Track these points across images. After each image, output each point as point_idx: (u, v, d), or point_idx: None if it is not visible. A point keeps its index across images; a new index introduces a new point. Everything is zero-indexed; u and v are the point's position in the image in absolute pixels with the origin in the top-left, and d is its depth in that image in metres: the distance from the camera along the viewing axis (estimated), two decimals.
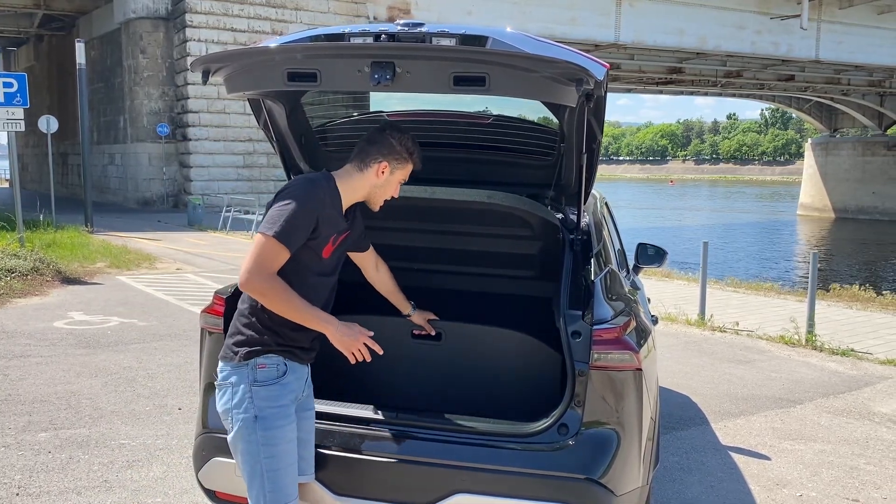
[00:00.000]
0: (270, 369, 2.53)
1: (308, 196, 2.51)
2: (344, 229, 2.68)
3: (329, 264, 2.65)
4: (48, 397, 5.60)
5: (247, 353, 2.52)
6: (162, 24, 29.04)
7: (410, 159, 2.72)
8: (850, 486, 4.46)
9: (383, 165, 2.67)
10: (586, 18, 32.92)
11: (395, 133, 2.70)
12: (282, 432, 2.51)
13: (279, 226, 2.43)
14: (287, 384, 2.55)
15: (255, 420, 2.48)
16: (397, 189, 2.77)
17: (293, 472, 2.56)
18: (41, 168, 38.50)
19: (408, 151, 2.70)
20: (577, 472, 2.65)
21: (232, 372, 2.53)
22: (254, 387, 2.50)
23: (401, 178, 2.75)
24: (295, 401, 2.61)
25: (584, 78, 2.45)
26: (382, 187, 2.71)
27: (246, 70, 2.69)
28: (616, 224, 4.69)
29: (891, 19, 38.26)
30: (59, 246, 13.81)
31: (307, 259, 2.55)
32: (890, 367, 7.34)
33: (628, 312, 3.02)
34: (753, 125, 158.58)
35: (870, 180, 50.32)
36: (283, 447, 2.51)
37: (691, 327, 8.98)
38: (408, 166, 2.74)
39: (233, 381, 2.53)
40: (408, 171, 2.76)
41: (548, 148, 3.45)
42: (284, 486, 2.51)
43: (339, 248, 2.68)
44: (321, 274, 2.63)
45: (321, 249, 2.57)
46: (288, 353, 2.56)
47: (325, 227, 2.54)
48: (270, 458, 2.49)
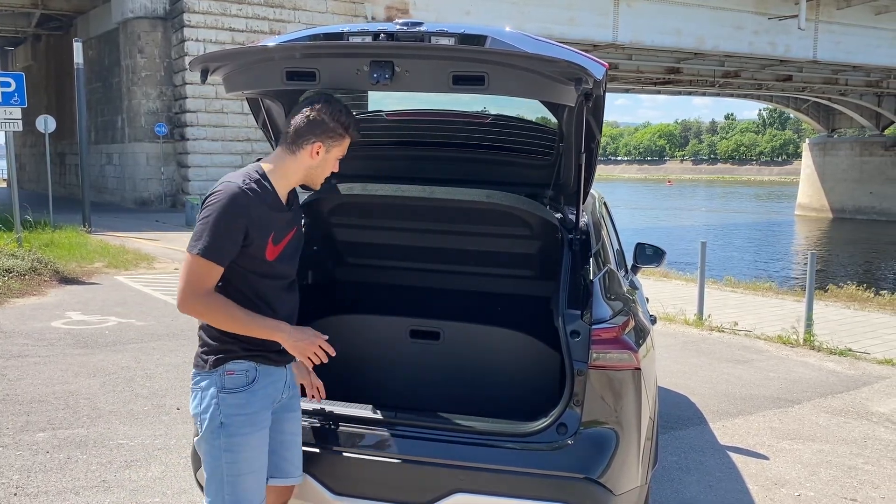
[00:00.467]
0: (239, 376, 2.46)
1: (229, 203, 2.33)
2: (287, 224, 2.52)
3: (280, 267, 2.51)
4: (46, 397, 5.59)
5: (215, 360, 2.45)
6: (160, 24, 28.98)
7: (347, 133, 2.51)
8: (848, 486, 4.46)
9: (317, 146, 2.47)
10: (584, 18, 32.92)
11: (325, 107, 2.46)
12: (246, 440, 2.45)
13: (203, 241, 2.31)
14: (256, 391, 2.48)
15: (221, 426, 2.43)
16: (337, 165, 2.57)
17: (256, 479, 2.50)
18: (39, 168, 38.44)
19: (342, 126, 2.48)
20: (575, 472, 2.65)
21: (202, 377, 2.48)
22: (221, 393, 2.44)
23: (338, 155, 2.55)
24: (270, 405, 2.54)
25: (583, 77, 2.45)
26: (319, 168, 2.52)
27: (245, 69, 2.68)
28: (615, 224, 4.69)
29: (888, 20, 38.29)
30: (56, 246, 13.79)
31: (251, 266, 2.43)
32: (888, 366, 7.36)
33: (627, 312, 3.03)
34: (751, 125, 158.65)
35: (867, 180, 50.37)
36: (245, 454, 2.46)
37: (689, 327, 8.99)
38: (344, 141, 2.53)
39: (202, 385, 2.47)
40: (346, 146, 2.55)
41: (547, 147, 3.45)
42: (244, 493, 2.47)
43: (287, 247, 2.53)
44: (273, 277, 2.50)
45: (262, 253, 2.43)
46: (259, 357, 2.48)
47: (259, 228, 2.39)
48: (231, 464, 2.45)
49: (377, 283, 3.99)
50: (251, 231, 2.37)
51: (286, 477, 2.67)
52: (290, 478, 2.67)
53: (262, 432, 2.51)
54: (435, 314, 3.52)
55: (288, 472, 2.67)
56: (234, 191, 2.35)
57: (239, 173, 2.44)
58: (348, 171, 3.69)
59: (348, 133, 2.51)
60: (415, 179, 3.45)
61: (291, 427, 2.67)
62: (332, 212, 3.60)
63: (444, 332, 3.44)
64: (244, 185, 2.38)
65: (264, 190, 2.42)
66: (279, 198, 2.47)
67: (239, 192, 2.35)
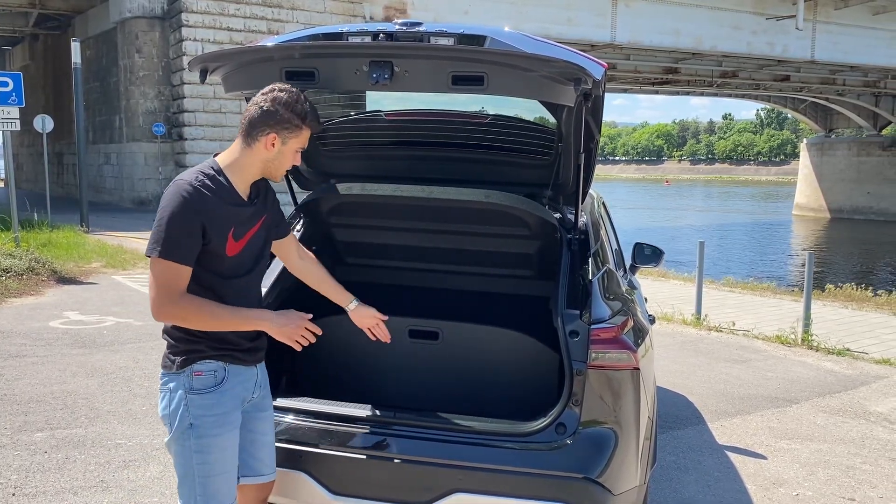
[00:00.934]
0: (207, 377, 2.43)
1: (182, 201, 2.28)
2: (250, 218, 2.45)
3: (242, 262, 2.44)
4: (44, 397, 5.58)
5: (182, 361, 2.42)
6: (158, 24, 28.95)
7: (304, 124, 2.39)
8: (845, 486, 4.47)
9: (272, 137, 2.36)
10: (583, 18, 32.92)
11: (280, 97, 2.36)
12: (216, 441, 2.43)
13: (163, 243, 2.26)
14: (225, 391, 2.45)
15: (190, 427, 2.41)
16: (297, 158, 2.48)
17: (227, 480, 2.48)
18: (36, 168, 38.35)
19: (298, 116, 2.37)
20: (574, 472, 2.66)
21: (170, 378, 2.46)
22: (189, 394, 2.42)
23: (296, 147, 2.43)
24: (240, 405, 2.52)
25: (583, 77, 2.45)
26: (276, 160, 2.42)
27: (243, 69, 2.68)
28: (613, 224, 4.69)
29: (886, 20, 38.32)
30: (54, 245, 13.77)
31: (210, 264, 2.37)
32: (885, 366, 7.37)
33: (626, 312, 3.03)
34: (749, 125, 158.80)
35: (865, 180, 50.41)
36: (216, 455, 2.44)
37: (688, 327, 8.99)
38: (302, 133, 2.41)
39: (171, 386, 2.45)
40: (305, 138, 2.44)
41: (546, 147, 3.45)
42: (216, 493, 2.45)
43: (251, 243, 2.47)
44: (235, 276, 2.43)
45: (223, 249, 2.37)
46: (227, 356, 2.45)
47: (216, 225, 2.33)
48: (202, 464, 2.43)
49: (376, 283, 3.98)
50: (207, 228, 2.31)
51: (257, 475, 2.64)
52: (261, 476, 2.65)
53: (233, 433, 2.49)
54: (434, 314, 3.52)
55: (259, 471, 2.64)
56: (185, 188, 2.30)
57: (192, 170, 2.38)
58: (347, 171, 3.70)
59: (305, 124, 2.39)
60: (414, 179, 3.45)
61: (263, 426, 2.65)
62: (331, 212, 3.59)
63: (442, 333, 3.44)
64: (196, 181, 2.32)
65: (219, 185, 2.36)
66: (237, 192, 2.41)
67: (191, 189, 2.30)
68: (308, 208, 3.53)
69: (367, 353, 3.56)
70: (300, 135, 2.41)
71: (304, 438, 2.82)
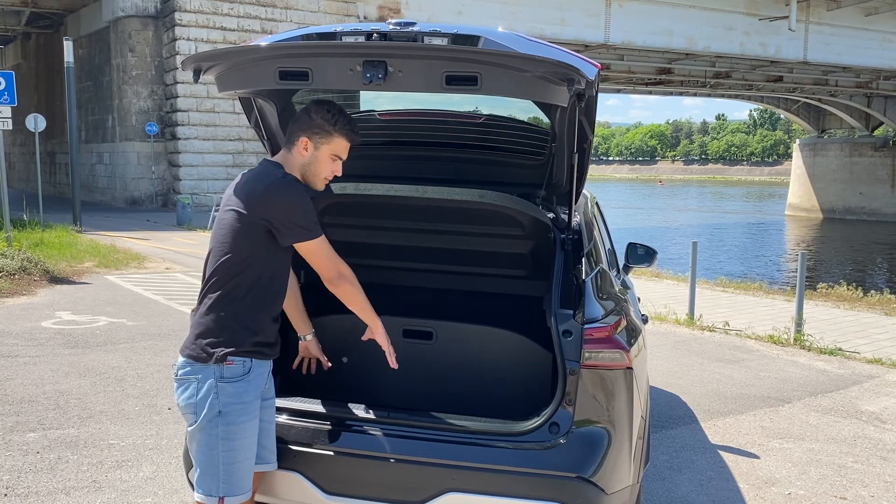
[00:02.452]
0: (237, 366, 2.53)
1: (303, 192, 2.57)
2: None
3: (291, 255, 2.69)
4: (36, 397, 5.56)
5: (223, 354, 2.52)
6: (151, 23, 28.89)
7: (334, 130, 2.60)
8: (837, 485, 4.49)
9: (304, 141, 2.59)
10: (576, 19, 32.99)
11: (313, 107, 2.61)
12: (243, 428, 2.53)
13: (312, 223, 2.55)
14: (252, 380, 2.56)
15: (219, 415, 2.51)
16: (334, 166, 2.67)
17: (249, 468, 2.58)
18: (28, 167, 38.23)
19: (329, 122, 2.58)
20: (568, 471, 2.66)
21: (199, 369, 2.53)
22: (220, 382, 2.51)
23: (329, 154, 2.63)
24: (260, 395, 2.63)
25: (576, 77, 2.45)
26: (311, 165, 2.62)
27: (237, 68, 2.68)
28: (606, 224, 4.70)
29: (878, 21, 38.52)
30: (46, 245, 13.72)
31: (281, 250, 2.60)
32: (877, 365, 7.40)
33: (619, 311, 3.04)
34: (742, 126, 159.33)
35: (857, 181, 50.66)
36: (242, 442, 2.54)
37: (681, 326, 9.02)
38: (334, 139, 2.61)
39: (199, 377, 2.53)
40: (337, 145, 2.63)
41: (539, 147, 3.46)
42: (239, 480, 2.55)
43: None
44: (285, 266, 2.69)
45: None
46: (257, 353, 2.57)
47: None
48: (228, 451, 2.52)
49: (369, 283, 3.98)
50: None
51: (263, 463, 2.71)
52: (266, 464, 2.72)
53: (256, 420, 2.59)
54: (428, 314, 3.52)
55: (265, 459, 2.72)
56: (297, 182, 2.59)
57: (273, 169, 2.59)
58: None
59: (336, 130, 2.59)
60: (408, 179, 3.45)
61: (267, 415, 2.73)
62: (324, 211, 3.59)
63: (436, 332, 3.45)
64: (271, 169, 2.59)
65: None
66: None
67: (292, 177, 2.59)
68: None
69: (362, 352, 3.56)
70: (331, 141, 2.61)
71: (298, 438, 2.82)
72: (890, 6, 37.31)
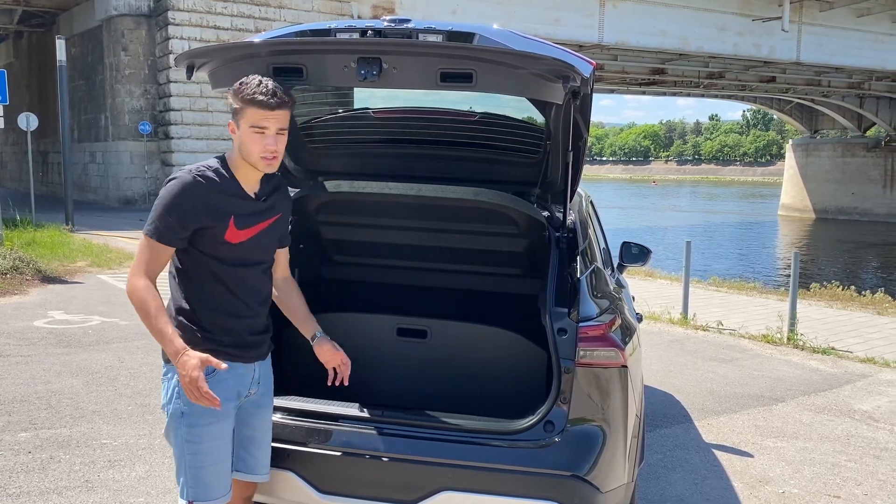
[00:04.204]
0: None
1: (176, 188, 2.40)
2: (255, 213, 2.51)
3: (246, 253, 2.51)
4: (28, 397, 5.53)
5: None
6: (144, 22, 28.77)
7: (242, 103, 2.40)
8: (831, 483, 4.50)
9: (230, 125, 2.47)
10: (570, 19, 32.99)
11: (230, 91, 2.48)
12: (207, 430, 2.46)
13: (150, 223, 2.40)
14: (218, 382, 2.44)
15: (182, 416, 2.46)
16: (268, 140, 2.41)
17: (220, 471, 2.50)
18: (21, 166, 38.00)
19: (237, 98, 2.41)
20: (562, 469, 2.66)
21: (168, 368, 2.50)
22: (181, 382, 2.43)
23: (248, 126, 2.40)
24: (234, 398, 2.54)
25: (571, 75, 2.45)
26: (242, 146, 2.44)
27: (231, 65, 2.66)
28: (601, 223, 4.70)
29: (870, 22, 38.66)
30: (38, 244, 13.65)
31: (213, 249, 2.46)
32: (869, 365, 7.43)
33: (613, 310, 3.03)
34: (735, 126, 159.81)
35: (849, 181, 50.83)
36: (207, 445, 2.46)
37: (674, 326, 9.03)
38: (247, 111, 2.39)
39: (168, 376, 2.50)
40: (251, 116, 2.39)
41: (534, 145, 3.45)
42: (206, 485, 2.48)
43: (259, 236, 2.54)
44: (238, 265, 2.51)
45: (222, 235, 2.45)
46: (219, 353, 2.44)
47: (211, 210, 2.41)
48: (193, 454, 2.46)
49: (364, 282, 3.97)
50: (203, 216, 2.41)
51: (250, 473, 2.66)
52: (254, 474, 2.67)
53: (224, 423, 2.51)
54: (422, 312, 3.52)
55: (252, 469, 2.66)
56: (183, 177, 2.43)
57: (199, 163, 2.51)
58: (336, 169, 3.68)
59: (244, 102, 2.39)
60: (402, 177, 3.45)
61: (261, 424, 2.66)
62: (319, 209, 3.58)
63: (431, 331, 3.44)
64: (195, 171, 2.45)
65: (220, 177, 2.46)
66: (238, 184, 2.49)
67: (188, 178, 2.42)
68: (296, 206, 3.51)
69: (355, 351, 3.55)
70: (245, 114, 2.41)
71: (292, 437, 2.81)
72: (882, 7, 37.46)
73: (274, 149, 2.43)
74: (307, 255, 3.76)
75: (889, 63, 40.38)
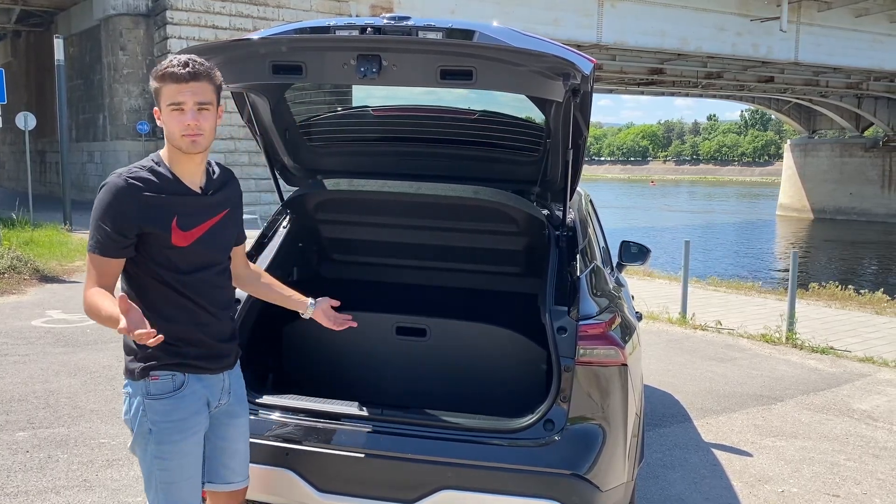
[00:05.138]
0: (164, 381, 2.34)
1: (107, 196, 2.25)
2: (200, 209, 2.35)
3: (198, 255, 2.34)
4: (26, 396, 5.52)
5: (141, 369, 2.33)
6: (142, 21, 28.74)
7: (157, 82, 2.28)
8: (830, 482, 4.50)
9: (155, 112, 2.33)
10: (568, 19, 32.99)
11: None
12: (176, 447, 2.35)
13: (90, 237, 2.26)
14: (184, 397, 2.36)
15: (150, 433, 2.34)
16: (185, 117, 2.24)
17: (190, 486, 2.39)
18: (18, 166, 37.95)
19: (153, 79, 2.29)
20: (562, 468, 2.65)
21: (129, 384, 2.38)
22: (147, 399, 2.34)
23: (167, 105, 2.25)
24: (204, 410, 2.42)
25: (571, 72, 2.44)
26: (165, 125, 2.28)
27: (230, 62, 2.65)
28: (600, 222, 4.70)
29: (868, 22, 38.70)
30: (36, 244, 13.62)
31: (161, 257, 2.30)
32: (868, 364, 7.43)
33: (613, 308, 3.03)
34: (733, 126, 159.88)
35: (847, 181, 50.85)
36: (177, 461, 2.36)
37: (673, 325, 9.03)
38: (162, 90, 2.25)
39: (129, 391, 2.38)
40: (167, 92, 2.24)
41: (534, 144, 3.45)
42: (178, 500, 2.37)
43: (207, 235, 2.36)
44: (192, 270, 2.34)
45: (167, 240, 2.28)
46: (185, 366, 2.36)
47: (151, 213, 2.25)
48: (163, 471, 2.35)
49: (363, 280, 3.97)
50: (141, 221, 2.25)
51: (226, 483, 2.54)
52: (230, 484, 2.55)
53: (193, 438, 2.39)
54: (421, 311, 3.51)
55: (227, 479, 2.54)
56: (114, 182, 2.27)
57: (134, 164, 2.35)
58: (334, 167, 3.67)
59: (158, 81, 2.26)
60: (402, 176, 3.44)
61: (233, 433, 2.53)
62: (318, 208, 3.57)
63: (430, 329, 3.43)
64: (127, 174, 2.28)
65: (156, 174, 2.30)
66: (180, 181, 2.32)
67: (119, 183, 2.25)
68: (294, 204, 3.51)
69: (355, 350, 3.54)
70: (161, 93, 2.27)
71: (291, 436, 2.80)
72: (880, 7, 37.51)
73: (195, 124, 2.24)
74: (306, 253, 3.75)
75: (887, 63, 40.44)
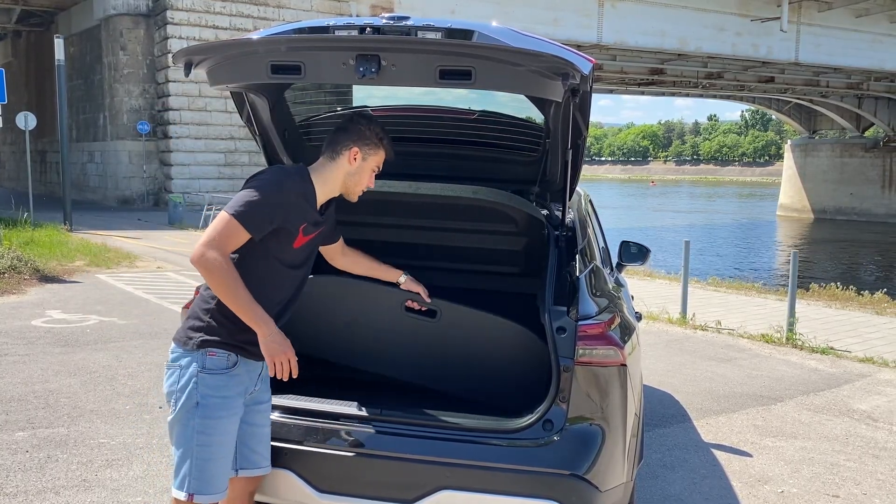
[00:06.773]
0: (221, 358, 2.51)
1: (278, 185, 2.52)
2: (317, 223, 2.67)
3: (298, 256, 2.64)
4: (25, 396, 5.52)
5: (201, 340, 2.50)
6: (143, 21, 28.76)
7: (381, 145, 2.70)
8: (830, 483, 4.50)
9: (354, 151, 2.65)
10: (569, 19, 33.01)
11: (363, 120, 2.71)
12: (220, 423, 2.49)
13: (242, 207, 2.44)
14: (236, 376, 2.53)
15: (196, 406, 2.47)
16: (372, 178, 2.74)
17: (223, 466, 2.53)
18: (19, 166, 37.97)
19: (377, 137, 2.69)
20: (561, 468, 2.65)
21: (183, 354, 2.52)
22: (201, 373, 2.48)
23: (373, 166, 2.72)
24: (243, 394, 2.58)
25: (571, 72, 2.44)
26: (356, 175, 2.69)
27: (229, 62, 2.65)
28: (600, 222, 4.69)
29: (868, 23, 38.71)
30: (37, 244, 13.63)
31: (276, 248, 2.55)
32: (868, 364, 7.42)
33: (613, 308, 3.03)
34: (734, 126, 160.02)
35: (848, 181, 50.88)
36: (218, 438, 2.49)
37: (673, 325, 9.02)
38: (379, 152, 2.71)
39: (182, 363, 2.51)
40: (380, 159, 2.73)
41: (533, 144, 3.44)
42: (211, 478, 2.49)
43: (311, 242, 2.68)
44: (290, 266, 2.62)
45: (292, 240, 2.57)
46: (240, 349, 2.53)
47: (295, 217, 2.54)
48: (202, 446, 2.47)
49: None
50: (290, 216, 2.52)
51: (255, 468, 2.69)
52: (258, 468, 2.70)
53: (235, 418, 2.55)
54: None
55: (257, 463, 2.70)
56: (286, 176, 2.57)
57: (292, 167, 2.71)
58: None
59: (382, 145, 2.70)
60: (401, 175, 3.44)
61: (260, 419, 2.69)
62: None
63: (441, 312, 3.42)
64: (295, 172, 2.61)
65: (307, 183, 2.61)
66: (315, 198, 2.64)
67: (290, 179, 2.56)
68: None
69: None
70: (377, 154, 2.70)
71: (290, 436, 2.80)
72: (881, 8, 37.52)
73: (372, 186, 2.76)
74: None
75: (887, 63, 40.45)
